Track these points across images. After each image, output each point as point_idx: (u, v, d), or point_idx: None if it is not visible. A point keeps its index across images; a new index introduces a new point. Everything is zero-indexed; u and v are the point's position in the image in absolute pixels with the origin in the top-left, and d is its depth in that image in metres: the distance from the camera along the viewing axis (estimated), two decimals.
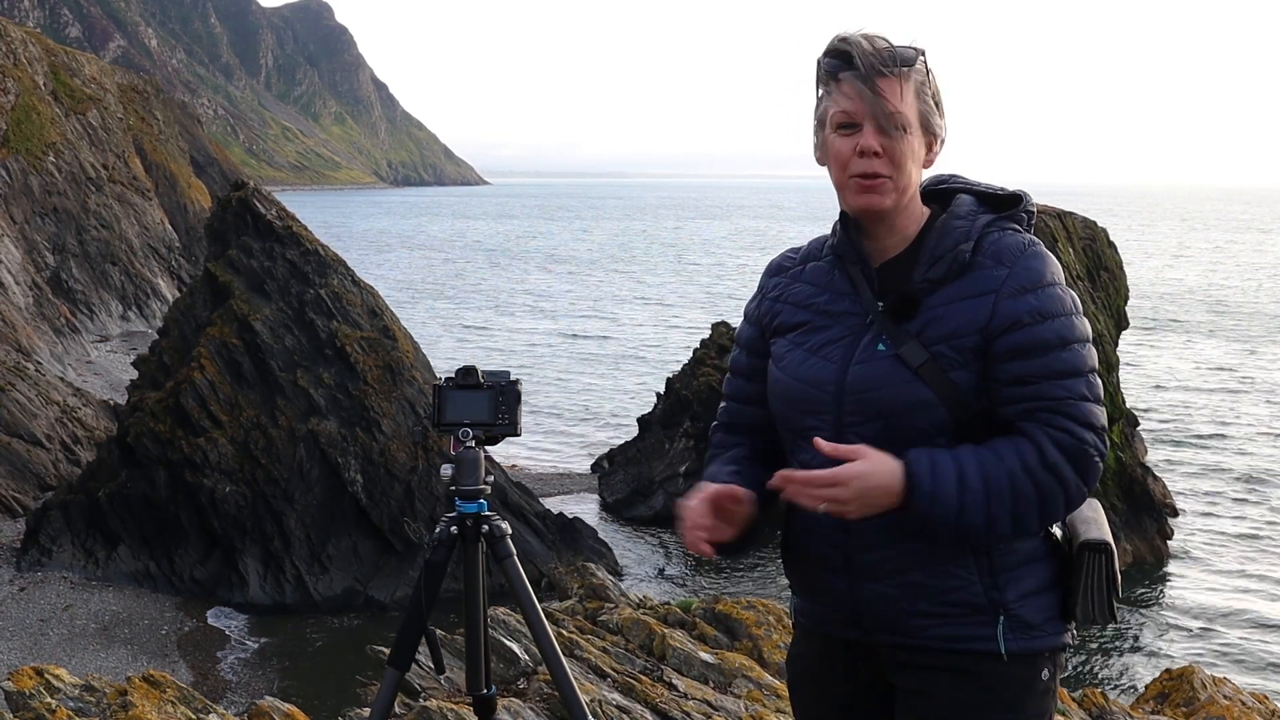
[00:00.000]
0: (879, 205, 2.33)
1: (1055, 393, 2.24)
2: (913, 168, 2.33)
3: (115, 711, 4.21)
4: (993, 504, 2.22)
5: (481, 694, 3.24)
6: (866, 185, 2.31)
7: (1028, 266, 2.29)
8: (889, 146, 2.29)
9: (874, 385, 2.30)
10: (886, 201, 2.32)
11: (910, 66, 2.30)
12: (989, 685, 2.31)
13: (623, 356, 54.41)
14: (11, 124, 49.27)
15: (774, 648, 5.49)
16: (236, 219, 27.93)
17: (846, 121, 2.31)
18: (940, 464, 2.23)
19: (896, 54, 2.29)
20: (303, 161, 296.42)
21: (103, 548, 24.71)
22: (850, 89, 2.30)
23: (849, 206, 2.37)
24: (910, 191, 2.36)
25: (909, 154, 2.31)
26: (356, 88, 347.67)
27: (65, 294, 48.10)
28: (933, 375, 2.27)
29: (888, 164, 2.30)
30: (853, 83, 2.29)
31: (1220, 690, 5.92)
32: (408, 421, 25.43)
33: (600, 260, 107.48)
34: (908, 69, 2.30)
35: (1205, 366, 51.42)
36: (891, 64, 2.28)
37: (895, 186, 2.32)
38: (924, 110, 2.33)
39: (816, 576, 2.43)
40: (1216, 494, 32.38)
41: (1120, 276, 29.79)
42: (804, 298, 2.47)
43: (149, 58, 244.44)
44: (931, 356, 2.28)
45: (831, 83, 2.33)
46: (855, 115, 2.30)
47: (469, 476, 3.12)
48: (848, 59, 2.30)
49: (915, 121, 2.31)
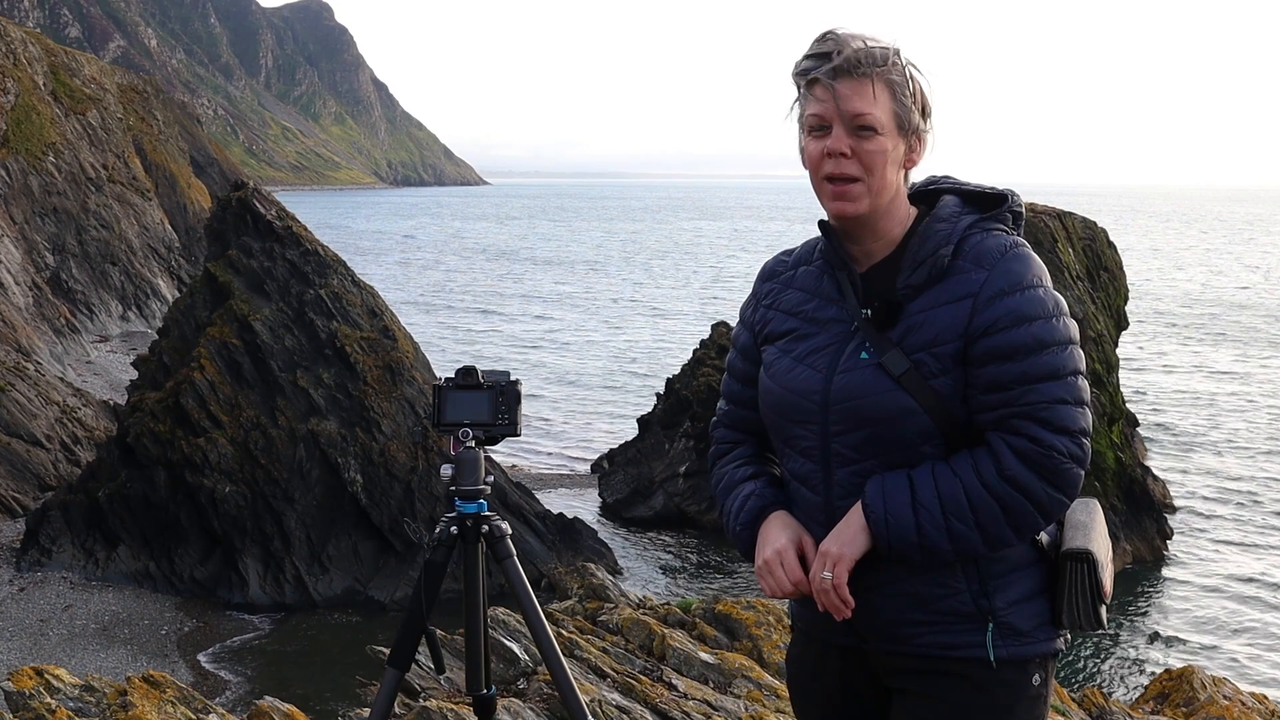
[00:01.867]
0: (851, 211, 2.30)
1: (1028, 398, 2.21)
2: (888, 170, 2.29)
3: (115, 711, 4.21)
4: (951, 521, 2.21)
5: (481, 694, 3.24)
6: (838, 191, 2.29)
7: (1008, 269, 2.26)
8: (858, 148, 2.26)
9: (857, 394, 2.29)
10: (860, 207, 2.30)
11: (882, 66, 2.26)
12: (981, 690, 2.31)
13: (623, 357, 54.41)
14: (11, 124, 49.26)
15: (774, 648, 5.49)
16: (236, 219, 27.92)
17: (817, 124, 2.29)
18: (892, 488, 2.25)
19: (866, 54, 2.25)
20: (302, 161, 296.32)
21: (103, 548, 24.70)
22: (820, 91, 2.27)
23: (826, 211, 2.36)
24: (888, 195, 2.32)
25: (881, 156, 2.27)
26: (356, 88, 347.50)
27: (65, 294, 48.09)
28: (914, 384, 2.26)
29: (857, 165, 2.27)
30: (821, 84, 2.27)
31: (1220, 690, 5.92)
32: (408, 421, 25.42)
33: (600, 261, 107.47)
34: (880, 69, 2.26)
35: (1206, 366, 51.42)
36: (859, 65, 2.25)
37: (868, 189, 2.29)
38: (899, 110, 2.28)
39: None
40: (1216, 494, 32.37)
41: (1120, 276, 29.79)
42: (794, 305, 2.46)
43: (149, 58, 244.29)
44: (913, 365, 2.26)
45: (804, 85, 2.31)
46: (825, 117, 2.28)
47: (469, 477, 3.12)
48: (818, 60, 2.28)
49: (889, 122, 2.27)
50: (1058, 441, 2.21)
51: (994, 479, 2.21)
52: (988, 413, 2.25)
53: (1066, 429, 2.22)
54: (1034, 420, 2.21)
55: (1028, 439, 2.21)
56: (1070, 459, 2.22)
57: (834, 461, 2.33)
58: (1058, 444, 2.20)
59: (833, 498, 2.34)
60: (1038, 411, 2.21)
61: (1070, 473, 2.23)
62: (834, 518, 2.34)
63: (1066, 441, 2.21)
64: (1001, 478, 2.21)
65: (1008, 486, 2.21)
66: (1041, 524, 2.25)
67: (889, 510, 2.23)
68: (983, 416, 2.26)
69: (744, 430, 2.58)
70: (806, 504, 2.39)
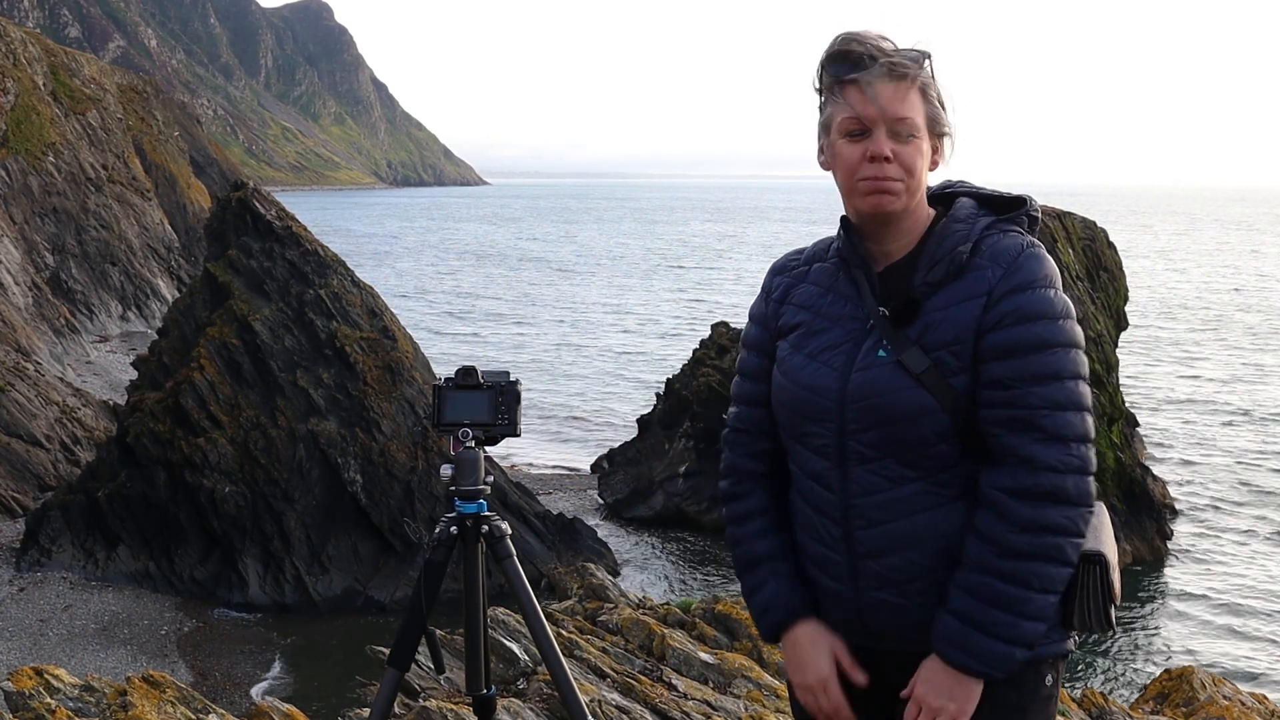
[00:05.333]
0: (889, 206, 2.31)
1: (1028, 400, 2.21)
2: (922, 171, 2.31)
3: (115, 711, 4.21)
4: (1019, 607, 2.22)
5: (481, 694, 3.24)
6: (877, 186, 2.29)
7: (1022, 266, 2.27)
8: (900, 152, 2.27)
9: (876, 392, 2.28)
10: (897, 204, 2.30)
11: (919, 70, 2.28)
12: (992, 691, 2.30)
13: (623, 357, 54.41)
14: (11, 124, 49.24)
15: (774, 648, 5.48)
16: (236, 219, 27.91)
17: (855, 128, 2.28)
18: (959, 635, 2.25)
19: (904, 57, 2.27)
20: (302, 162, 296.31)
21: (102, 548, 24.70)
22: (858, 94, 2.27)
23: (856, 209, 2.35)
24: (919, 195, 2.34)
25: (920, 158, 2.29)
26: (356, 88, 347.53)
27: (65, 294, 48.07)
28: (934, 381, 2.25)
29: (899, 169, 2.28)
30: (861, 88, 2.26)
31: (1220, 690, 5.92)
32: (407, 421, 25.42)
33: (600, 261, 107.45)
34: (917, 72, 2.28)
35: (1206, 366, 51.42)
36: (898, 68, 2.26)
37: (907, 189, 2.30)
38: (930, 113, 2.31)
39: (822, 584, 2.42)
40: (1217, 494, 32.35)
41: (1120, 277, 29.78)
42: (807, 299, 2.45)
43: (149, 58, 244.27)
44: (933, 363, 2.26)
45: (837, 87, 2.30)
46: (865, 121, 2.27)
47: (469, 477, 3.12)
48: (854, 62, 2.27)
49: (923, 125, 2.29)
50: (1053, 458, 2.21)
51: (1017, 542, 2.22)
52: (990, 410, 2.24)
53: (1063, 437, 2.21)
54: (1032, 428, 2.21)
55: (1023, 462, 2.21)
56: (1068, 471, 2.21)
57: (851, 459, 2.32)
58: (1053, 461, 2.21)
59: (849, 495, 2.33)
60: (1037, 418, 2.20)
61: (1078, 483, 2.23)
62: (850, 515, 2.33)
63: (1061, 453, 2.21)
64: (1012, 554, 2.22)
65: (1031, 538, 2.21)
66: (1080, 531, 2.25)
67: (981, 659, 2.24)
68: (986, 413, 2.25)
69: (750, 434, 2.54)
70: (820, 501, 2.38)
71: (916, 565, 2.30)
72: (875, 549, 2.32)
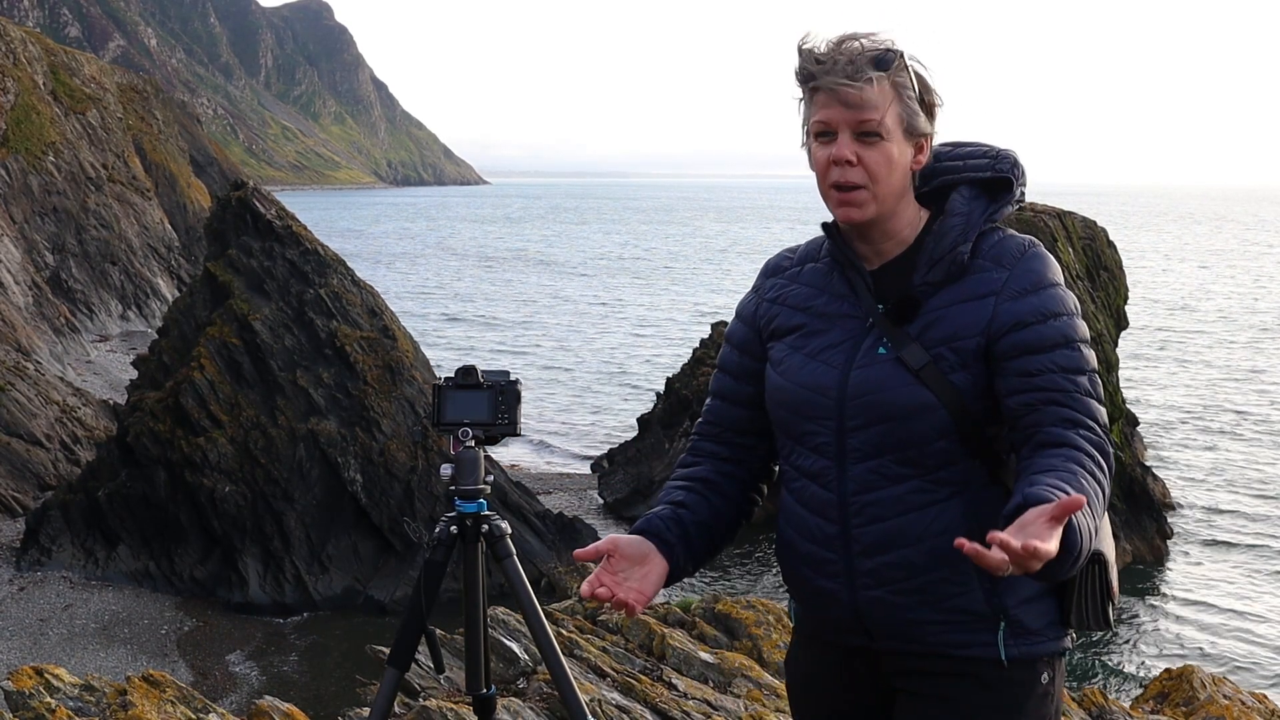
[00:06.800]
0: (856, 218, 2.29)
1: (1063, 384, 2.21)
2: (893, 175, 2.27)
3: (115, 711, 4.21)
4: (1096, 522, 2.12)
5: (481, 694, 3.24)
6: (843, 199, 2.27)
7: (1028, 268, 2.28)
8: (864, 155, 2.24)
9: (876, 389, 2.28)
10: (865, 213, 2.28)
11: (886, 69, 2.22)
12: (990, 689, 2.31)
13: (623, 356, 54.41)
14: (11, 124, 49.25)
15: (774, 647, 5.49)
16: (236, 218, 27.91)
17: (823, 130, 2.26)
18: None
19: (870, 58, 2.21)
20: (302, 161, 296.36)
21: (102, 547, 24.71)
22: (824, 97, 2.24)
23: (833, 216, 2.34)
24: (895, 198, 2.30)
25: (887, 162, 2.25)
26: (356, 87, 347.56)
27: (65, 294, 48.08)
28: (933, 378, 2.25)
29: (862, 173, 2.24)
30: (825, 90, 2.23)
31: (1220, 690, 5.92)
32: (407, 421, 25.42)
33: (600, 260, 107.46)
34: (884, 72, 2.22)
35: (1206, 366, 51.42)
36: (865, 69, 2.21)
37: (873, 196, 2.27)
38: (905, 113, 2.26)
39: (816, 583, 2.41)
40: (1217, 494, 32.37)
41: (1120, 276, 29.79)
42: (801, 300, 2.43)
43: (149, 57, 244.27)
44: (932, 359, 2.25)
45: (806, 89, 2.28)
46: (830, 124, 2.25)
47: (469, 476, 3.12)
48: (817, 64, 2.23)
49: (895, 126, 2.25)
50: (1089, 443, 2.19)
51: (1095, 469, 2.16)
52: (1020, 395, 2.23)
53: (1097, 419, 2.23)
54: (1076, 409, 2.21)
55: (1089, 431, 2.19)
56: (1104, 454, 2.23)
57: (849, 458, 2.31)
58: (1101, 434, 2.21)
59: (847, 494, 2.32)
60: (1073, 400, 2.21)
61: (1112, 459, 2.23)
62: (848, 514, 2.32)
63: (1099, 432, 2.23)
64: (1098, 467, 2.16)
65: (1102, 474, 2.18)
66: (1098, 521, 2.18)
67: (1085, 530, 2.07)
68: (1016, 399, 2.23)
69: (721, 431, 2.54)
70: (817, 500, 2.37)
71: (912, 563, 2.29)
72: (872, 546, 2.31)
